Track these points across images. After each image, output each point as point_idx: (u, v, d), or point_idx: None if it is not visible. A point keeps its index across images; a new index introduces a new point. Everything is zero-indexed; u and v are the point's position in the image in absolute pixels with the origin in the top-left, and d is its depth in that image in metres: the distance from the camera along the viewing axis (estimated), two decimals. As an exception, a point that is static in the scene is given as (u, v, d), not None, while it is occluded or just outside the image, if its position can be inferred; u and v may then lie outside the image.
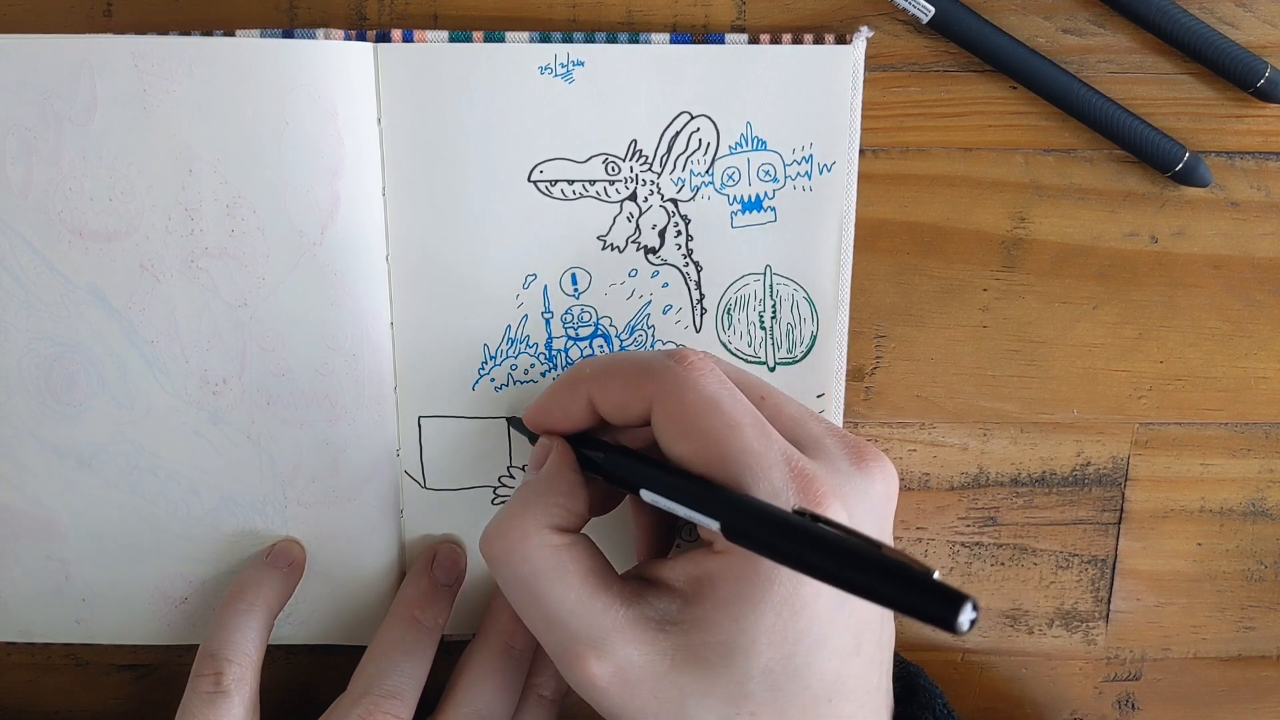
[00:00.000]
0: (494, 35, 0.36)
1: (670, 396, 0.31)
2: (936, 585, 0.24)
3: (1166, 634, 0.43)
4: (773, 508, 0.29)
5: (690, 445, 0.31)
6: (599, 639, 0.31)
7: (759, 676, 0.30)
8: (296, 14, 0.37)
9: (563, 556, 0.32)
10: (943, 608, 0.24)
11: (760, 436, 0.30)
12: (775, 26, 0.37)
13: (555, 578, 0.31)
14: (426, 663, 0.37)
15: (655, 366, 0.32)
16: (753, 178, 0.38)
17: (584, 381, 0.33)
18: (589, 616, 0.31)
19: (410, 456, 0.39)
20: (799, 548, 0.27)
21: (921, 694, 0.37)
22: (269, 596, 0.37)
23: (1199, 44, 0.37)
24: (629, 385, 0.32)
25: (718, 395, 0.31)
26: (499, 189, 0.37)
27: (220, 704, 0.35)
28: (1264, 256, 0.40)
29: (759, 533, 0.28)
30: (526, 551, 0.32)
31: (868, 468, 0.32)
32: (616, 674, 0.31)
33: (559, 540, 0.32)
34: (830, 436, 0.33)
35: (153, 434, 0.38)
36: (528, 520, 0.32)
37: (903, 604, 0.25)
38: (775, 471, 0.30)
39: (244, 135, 0.36)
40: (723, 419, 0.30)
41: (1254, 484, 0.42)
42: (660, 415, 0.31)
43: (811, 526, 0.27)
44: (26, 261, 0.37)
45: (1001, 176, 0.39)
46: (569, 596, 0.31)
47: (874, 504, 0.32)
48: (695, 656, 0.30)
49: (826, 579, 0.26)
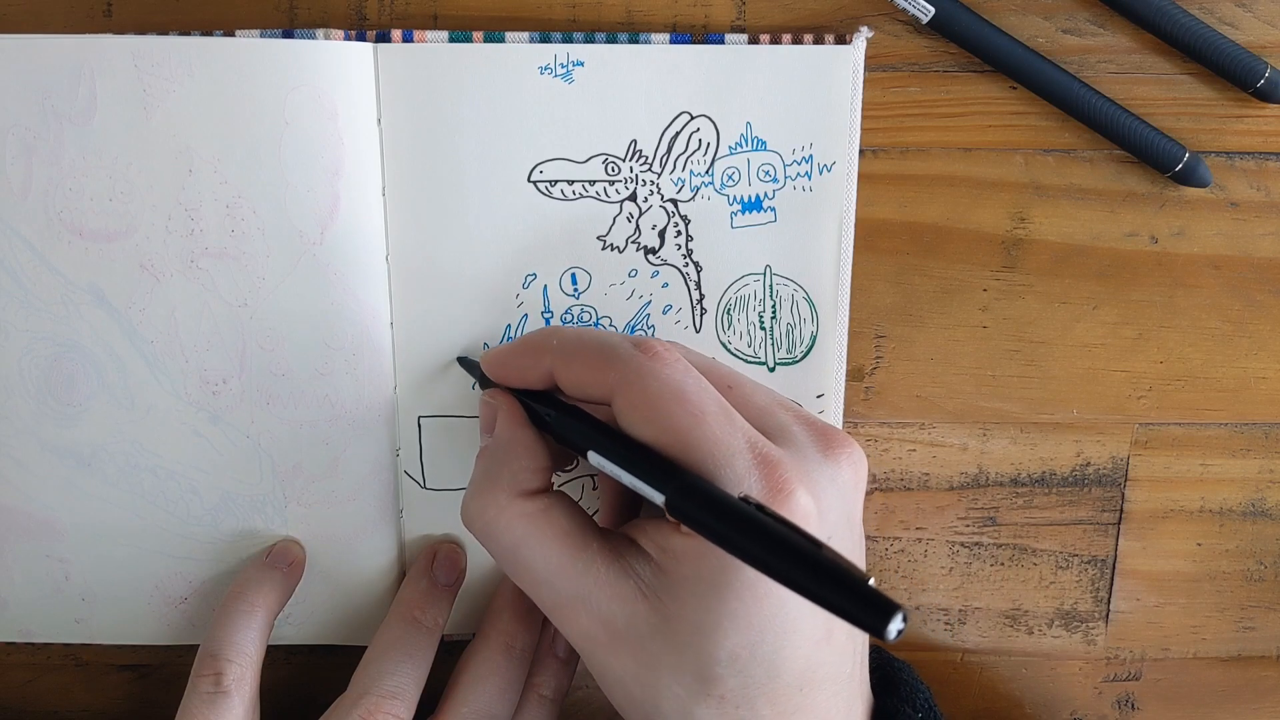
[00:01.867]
0: (494, 35, 0.36)
1: (633, 384, 0.31)
2: (870, 592, 0.24)
3: (1166, 634, 0.43)
4: (719, 491, 0.29)
5: (654, 432, 0.31)
6: (584, 595, 0.31)
7: (726, 661, 0.30)
8: (296, 14, 0.37)
9: (539, 522, 0.32)
10: (873, 615, 0.24)
11: (725, 424, 0.30)
12: (775, 26, 0.37)
13: (535, 544, 0.32)
14: (426, 663, 0.37)
15: (620, 353, 0.32)
16: (753, 178, 0.38)
17: (548, 353, 0.33)
18: (573, 576, 0.32)
19: (410, 456, 0.39)
20: (738, 534, 0.27)
21: (903, 687, 0.36)
22: (269, 597, 0.37)
23: (1199, 44, 0.37)
24: (592, 368, 0.32)
25: (682, 384, 0.31)
26: (499, 189, 0.37)
27: (220, 704, 0.35)
28: (1264, 256, 0.40)
29: (700, 513, 0.28)
30: (505, 523, 0.32)
31: (836, 455, 0.32)
32: (605, 628, 0.31)
33: (532, 506, 0.32)
34: (799, 424, 0.33)
35: (152, 434, 0.38)
36: (499, 491, 0.33)
37: (834, 605, 0.25)
38: (739, 459, 0.30)
39: (244, 135, 0.36)
40: (686, 407, 0.30)
41: (1254, 484, 0.42)
42: (623, 403, 0.31)
43: (754, 515, 0.27)
44: (26, 261, 0.37)
45: (1001, 176, 0.39)
46: (550, 560, 0.32)
47: (841, 491, 0.32)
48: (668, 629, 0.30)
49: (762, 569, 0.26)
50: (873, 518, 0.41)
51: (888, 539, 0.42)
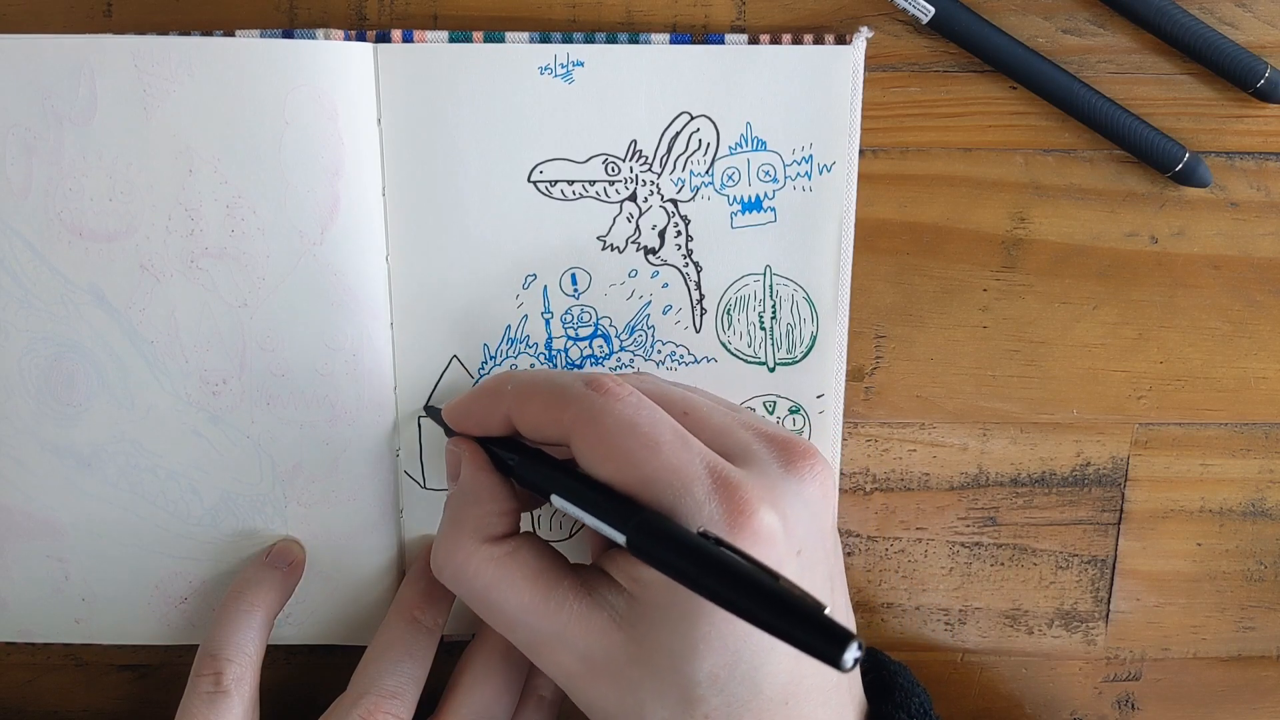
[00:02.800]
0: (494, 35, 0.36)
1: (587, 424, 0.31)
2: (825, 622, 0.25)
3: (1166, 634, 0.43)
4: (676, 528, 0.29)
5: (612, 469, 0.31)
6: (558, 633, 0.32)
7: (706, 682, 0.30)
8: (296, 14, 0.37)
9: (507, 565, 0.33)
10: (828, 645, 0.24)
11: (681, 451, 0.31)
12: (775, 27, 0.37)
13: (506, 587, 0.32)
14: (426, 663, 0.37)
15: (571, 393, 0.32)
16: (753, 178, 0.38)
17: (502, 399, 0.34)
18: (545, 615, 0.32)
19: (410, 456, 0.39)
20: (696, 570, 0.27)
21: (898, 691, 0.36)
22: (269, 596, 0.37)
23: (1199, 44, 0.37)
24: (547, 411, 0.33)
25: (634, 418, 0.31)
26: (499, 189, 0.37)
27: (220, 704, 0.35)
28: (1264, 256, 0.40)
29: (659, 551, 0.29)
30: (473, 569, 0.33)
31: (798, 469, 0.32)
32: (583, 662, 0.32)
33: (500, 551, 0.33)
34: (759, 441, 0.33)
35: (153, 434, 0.38)
36: (464, 539, 0.33)
37: (790, 636, 0.25)
38: (698, 485, 0.30)
39: (244, 135, 0.36)
40: (640, 440, 0.31)
41: (1254, 484, 0.42)
42: (580, 443, 0.32)
43: (710, 550, 0.27)
44: (26, 261, 0.37)
45: (1001, 176, 0.39)
46: (522, 601, 0.32)
47: (808, 505, 0.32)
48: (646, 656, 0.31)
49: (719, 603, 0.27)
50: (873, 518, 0.41)
51: (888, 539, 0.42)
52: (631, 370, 0.39)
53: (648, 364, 0.39)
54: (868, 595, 0.42)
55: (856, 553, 0.42)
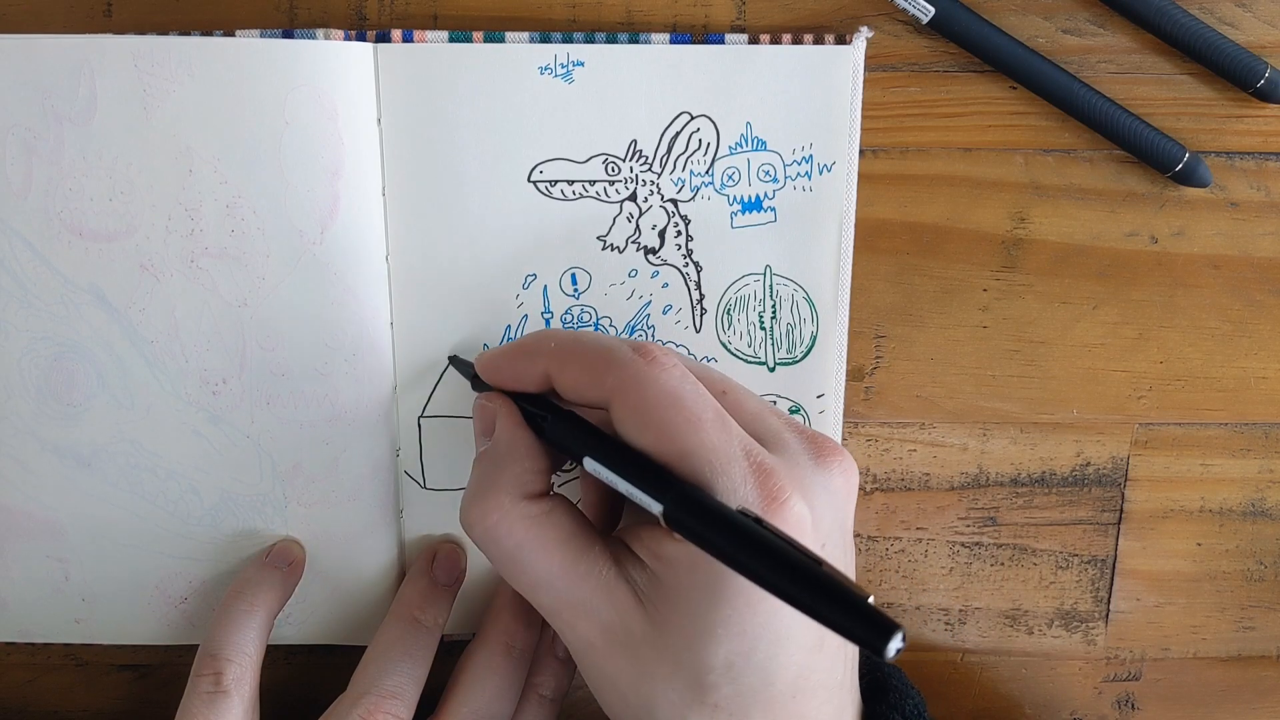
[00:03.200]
0: (494, 35, 0.36)
1: (631, 390, 0.31)
2: (871, 611, 0.24)
3: (1166, 634, 0.43)
4: (717, 503, 0.28)
5: (651, 439, 0.31)
6: (585, 600, 0.31)
7: (720, 669, 0.30)
8: (296, 14, 0.37)
9: (542, 525, 0.32)
10: (874, 634, 0.24)
11: (721, 431, 0.30)
12: (775, 26, 0.37)
13: (538, 547, 0.32)
14: (426, 663, 0.37)
15: (618, 357, 0.32)
16: (753, 178, 0.38)
17: (544, 356, 0.33)
18: (574, 579, 0.31)
19: (410, 456, 0.39)
20: (738, 549, 0.27)
21: (892, 693, 0.36)
22: (269, 596, 0.37)
23: (1199, 44, 0.37)
24: (589, 372, 0.32)
25: (679, 390, 0.31)
26: (499, 189, 0.37)
27: (220, 704, 0.35)
28: (1264, 256, 0.40)
29: (699, 526, 0.28)
30: (507, 527, 0.32)
31: (828, 463, 0.32)
32: (603, 634, 0.31)
33: (535, 510, 0.32)
34: (791, 431, 0.33)
35: (153, 434, 0.38)
36: (501, 495, 0.32)
37: (835, 623, 0.25)
38: (735, 466, 0.30)
39: (244, 135, 0.36)
40: (684, 414, 0.30)
41: (1254, 484, 0.42)
42: (621, 408, 0.31)
43: (753, 528, 0.27)
44: (26, 261, 0.37)
45: (1001, 176, 0.39)
46: (553, 564, 0.32)
47: (834, 499, 0.32)
48: (662, 636, 0.30)
49: (760, 583, 0.26)
50: (873, 518, 0.41)
51: (888, 539, 0.42)
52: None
53: (648, 364, 0.39)
54: (868, 595, 0.42)
55: (856, 553, 0.42)
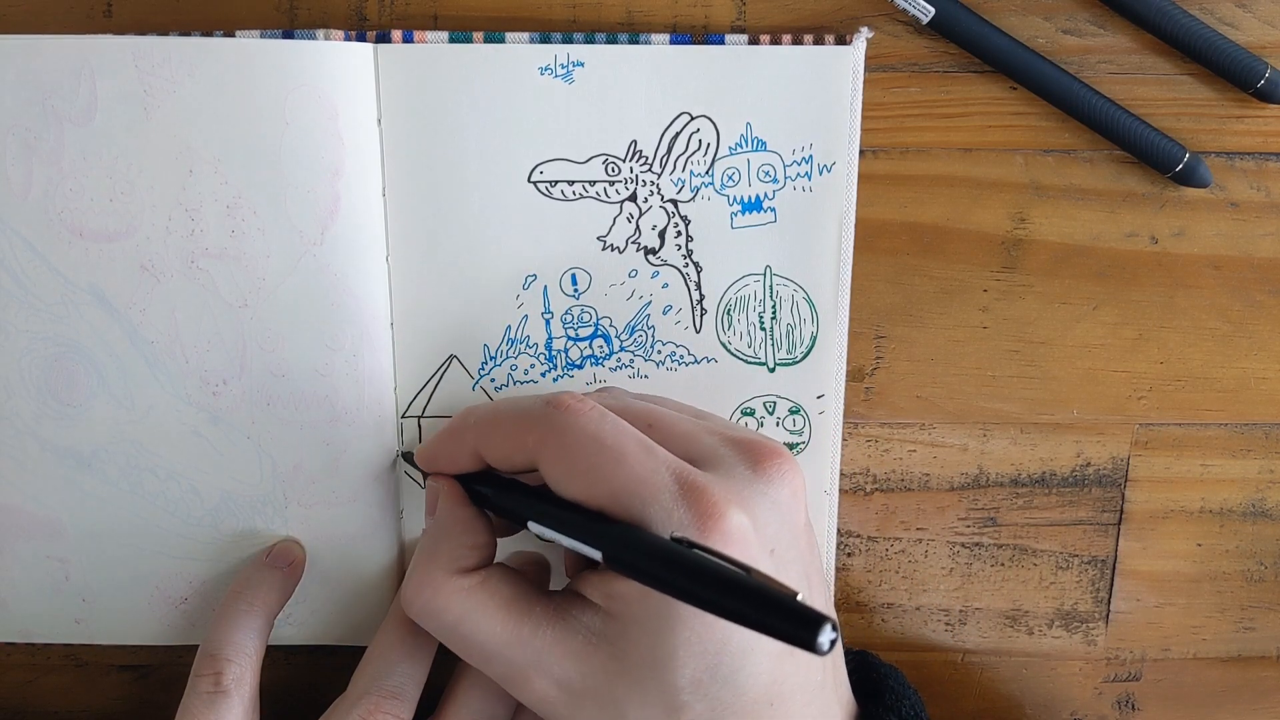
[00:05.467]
0: (494, 36, 0.36)
1: (551, 442, 0.32)
2: (796, 607, 0.25)
3: (1166, 634, 0.43)
4: (650, 538, 0.29)
5: (579, 485, 0.31)
6: (534, 661, 0.32)
7: (689, 688, 0.30)
8: (296, 14, 0.37)
9: (479, 596, 0.32)
10: (802, 629, 0.24)
11: (646, 460, 0.31)
12: (775, 27, 0.37)
13: (478, 618, 0.32)
14: (426, 663, 0.37)
15: (534, 415, 0.32)
16: (753, 178, 0.38)
17: (469, 431, 0.34)
18: (519, 644, 0.32)
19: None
20: (670, 575, 0.28)
21: (888, 694, 0.36)
22: (269, 596, 0.37)
23: (1199, 44, 0.37)
24: (510, 438, 0.33)
25: (598, 431, 0.31)
26: (499, 189, 0.37)
27: (220, 704, 0.35)
28: (1264, 256, 0.40)
29: (636, 562, 0.29)
30: (442, 602, 0.33)
31: (765, 469, 0.32)
32: (560, 689, 0.32)
33: (470, 582, 0.33)
34: (725, 445, 0.33)
35: (153, 434, 0.38)
36: (435, 571, 0.33)
37: (765, 626, 0.25)
38: (664, 493, 0.30)
39: (244, 136, 0.36)
40: (606, 453, 0.31)
41: (1254, 484, 0.42)
42: (545, 462, 0.32)
43: (683, 554, 0.28)
44: (26, 261, 0.37)
45: (1001, 177, 0.39)
46: (495, 631, 0.32)
47: (777, 506, 0.32)
48: (625, 670, 0.31)
49: (696, 603, 0.27)
50: (873, 518, 0.41)
51: (888, 539, 0.42)
52: (631, 370, 0.39)
53: (647, 364, 0.39)
54: (868, 595, 0.42)
55: (856, 553, 0.42)
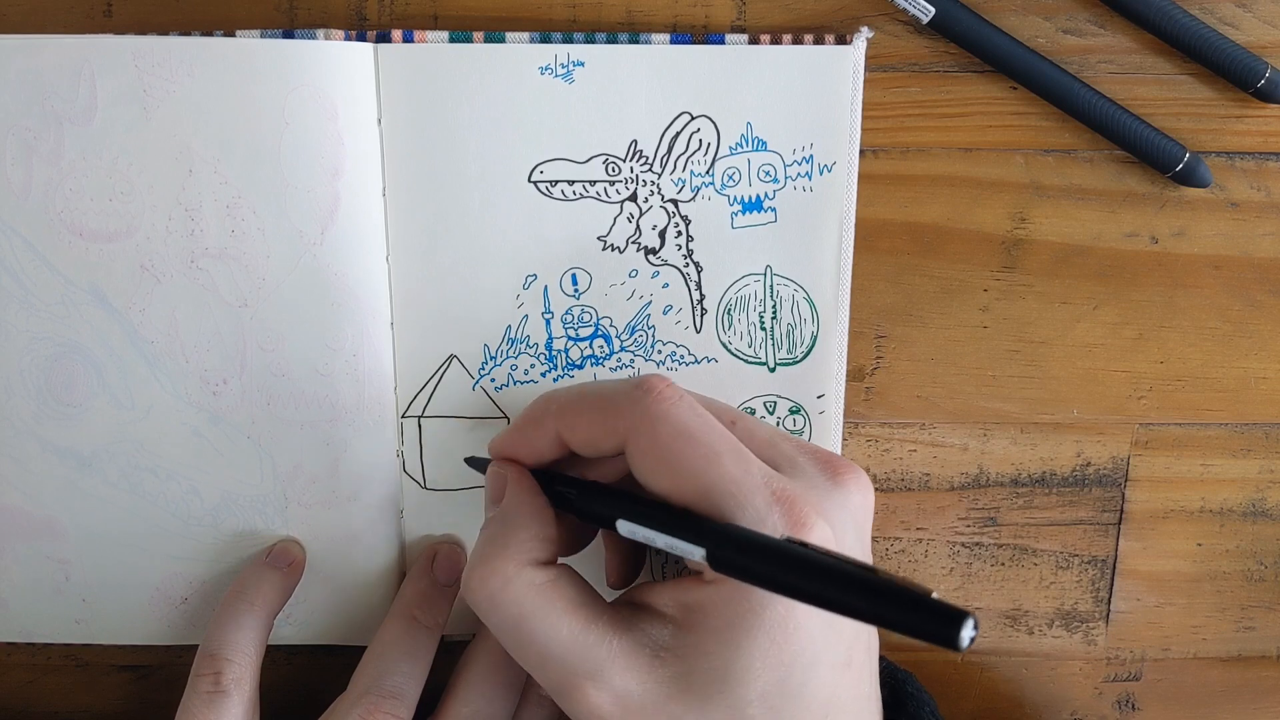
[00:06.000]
0: (494, 35, 0.36)
1: (643, 431, 0.31)
2: (937, 604, 0.24)
3: (1166, 634, 0.43)
4: (760, 535, 0.29)
5: (670, 479, 0.30)
6: (595, 671, 0.30)
7: (757, 701, 0.30)
8: (296, 14, 0.37)
9: (549, 594, 0.31)
10: (944, 626, 0.24)
11: (739, 463, 0.30)
12: (775, 27, 0.37)
13: (545, 616, 0.31)
14: (426, 663, 0.37)
15: (624, 400, 0.31)
16: (753, 178, 0.38)
17: (550, 417, 0.33)
18: (583, 650, 0.30)
19: (410, 457, 0.39)
20: (791, 575, 0.27)
21: (910, 701, 0.36)
22: (269, 596, 0.37)
23: (1199, 44, 0.37)
24: (598, 421, 0.32)
25: (691, 425, 0.31)
26: (499, 189, 0.37)
27: (220, 704, 0.35)
28: (1264, 256, 0.40)
29: (747, 562, 0.28)
30: (512, 594, 0.31)
31: (843, 481, 0.32)
32: (616, 703, 0.30)
33: (542, 577, 0.31)
34: (803, 454, 0.33)
35: (153, 434, 0.38)
36: (507, 562, 0.31)
37: (904, 625, 0.25)
38: (758, 497, 0.30)
39: (244, 136, 0.36)
40: (699, 449, 0.30)
41: (1254, 484, 0.42)
42: (636, 451, 0.31)
43: (803, 553, 0.27)
44: (26, 261, 0.37)
45: (1001, 176, 0.39)
46: (561, 633, 0.30)
47: (853, 517, 0.32)
48: (691, 684, 0.30)
49: (823, 604, 0.26)
50: (873, 519, 0.41)
51: (888, 539, 0.42)
52: (631, 371, 0.39)
53: (648, 364, 0.39)
54: (868, 595, 0.42)
55: (857, 553, 0.42)
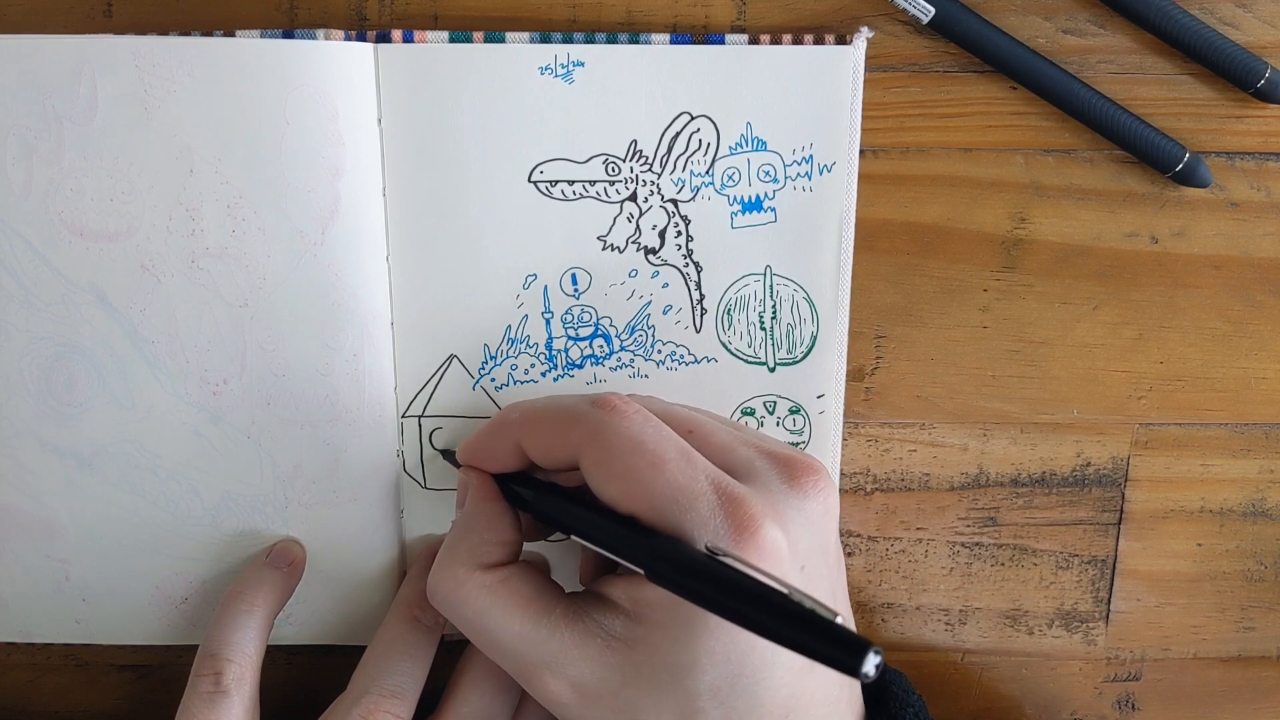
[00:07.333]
0: (494, 35, 0.36)
1: (594, 442, 0.32)
2: (840, 632, 0.25)
3: (1166, 634, 0.43)
4: (692, 553, 0.29)
5: (618, 487, 0.31)
6: (549, 661, 0.32)
7: (707, 694, 0.30)
8: (296, 14, 0.37)
9: (500, 593, 0.33)
10: (847, 654, 0.24)
11: (685, 468, 0.31)
12: (775, 27, 0.37)
13: (497, 614, 0.33)
14: (426, 663, 0.37)
15: (579, 413, 0.33)
16: (753, 178, 0.38)
17: (511, 427, 0.34)
18: (536, 643, 0.32)
19: (410, 456, 0.39)
20: (716, 594, 0.28)
21: (893, 701, 0.36)
22: (269, 596, 0.37)
23: (1199, 44, 0.37)
24: (555, 433, 0.33)
25: (640, 435, 0.32)
26: (499, 189, 0.37)
27: (220, 704, 0.35)
28: (1264, 256, 0.40)
29: (676, 578, 0.29)
30: (464, 595, 0.33)
31: (801, 485, 0.32)
32: (574, 690, 0.32)
33: (492, 578, 0.33)
34: (762, 458, 0.33)
35: (153, 434, 0.38)
36: (458, 566, 0.33)
37: (808, 649, 0.25)
38: (702, 502, 0.30)
39: (245, 135, 0.36)
40: (646, 457, 0.31)
41: (1254, 484, 0.42)
42: (587, 461, 0.32)
43: (727, 573, 0.28)
44: (27, 261, 0.37)
45: (1001, 176, 0.39)
46: (513, 628, 0.32)
47: (810, 521, 0.32)
48: (644, 674, 0.31)
49: (744, 624, 0.27)
50: (873, 518, 0.41)
51: (888, 539, 0.42)
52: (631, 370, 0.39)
53: (648, 364, 0.39)
54: (868, 595, 0.42)
55: (857, 553, 0.42)
